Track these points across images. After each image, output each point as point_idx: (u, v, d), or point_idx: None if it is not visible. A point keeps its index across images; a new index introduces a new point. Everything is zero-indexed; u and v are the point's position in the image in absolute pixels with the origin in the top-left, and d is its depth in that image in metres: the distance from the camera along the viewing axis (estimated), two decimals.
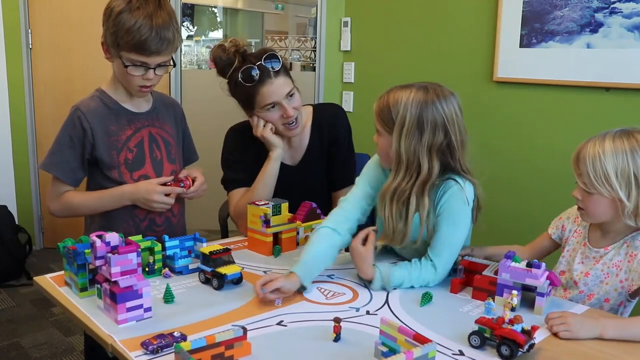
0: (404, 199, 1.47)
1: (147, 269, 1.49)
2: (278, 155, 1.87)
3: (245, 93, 1.80)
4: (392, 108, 1.44)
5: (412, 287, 1.48)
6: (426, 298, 1.39)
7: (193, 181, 1.73)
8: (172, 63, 1.65)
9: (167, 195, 1.67)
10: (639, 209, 1.35)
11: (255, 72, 1.76)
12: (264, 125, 1.84)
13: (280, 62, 1.79)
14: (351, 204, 1.59)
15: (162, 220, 1.75)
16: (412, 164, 1.44)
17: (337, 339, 1.19)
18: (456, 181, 1.47)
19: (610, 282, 1.44)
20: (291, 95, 1.82)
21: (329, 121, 1.99)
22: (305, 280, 1.43)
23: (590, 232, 1.52)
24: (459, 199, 1.46)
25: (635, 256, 1.40)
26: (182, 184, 1.70)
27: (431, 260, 1.49)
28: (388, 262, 1.55)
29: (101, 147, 1.65)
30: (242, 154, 1.94)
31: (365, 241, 1.49)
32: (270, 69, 1.76)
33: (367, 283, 1.49)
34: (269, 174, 1.87)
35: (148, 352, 1.10)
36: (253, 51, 1.84)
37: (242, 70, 1.77)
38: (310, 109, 2.02)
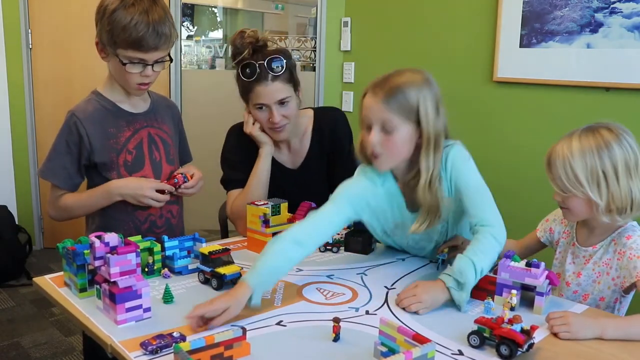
0: (436, 179, 1.45)
1: (146, 270, 1.49)
2: (267, 152, 1.88)
3: (243, 85, 1.83)
4: (408, 96, 1.40)
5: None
6: None
7: (191, 176, 1.72)
8: (169, 58, 1.64)
9: (162, 193, 1.66)
10: (610, 205, 1.37)
11: (252, 70, 1.77)
12: (253, 123, 1.86)
13: (284, 67, 1.78)
14: (322, 219, 1.49)
15: (162, 222, 1.75)
16: (439, 140, 1.44)
17: (336, 339, 1.18)
18: (449, 145, 1.48)
19: (603, 281, 1.46)
20: (284, 103, 1.82)
21: (330, 125, 1.99)
22: (257, 292, 1.29)
23: (578, 231, 1.54)
24: (460, 158, 1.47)
25: (624, 253, 1.41)
26: (176, 180, 1.69)
27: (489, 232, 1.40)
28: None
29: (99, 152, 1.64)
30: (242, 154, 1.94)
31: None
32: (270, 71, 1.77)
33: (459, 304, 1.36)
34: (261, 171, 1.88)
35: (147, 353, 1.10)
36: (274, 47, 1.84)
37: (243, 64, 1.79)
38: (311, 112, 2.02)
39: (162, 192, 1.67)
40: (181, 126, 1.90)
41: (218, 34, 5.57)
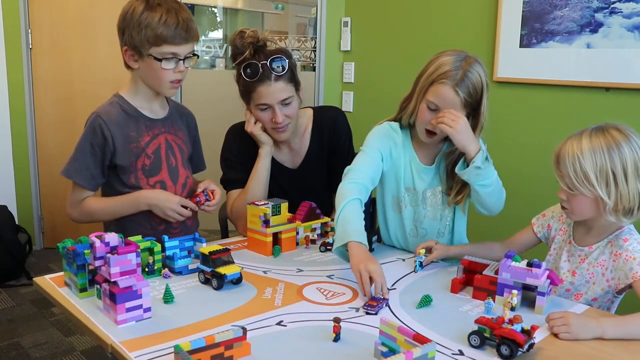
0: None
1: (146, 269, 1.49)
2: (267, 152, 1.89)
3: (245, 86, 1.83)
4: (481, 96, 1.62)
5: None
6: (425, 301, 1.38)
7: (212, 193, 1.77)
8: (196, 54, 1.71)
9: (185, 208, 1.72)
10: (618, 205, 1.37)
11: (254, 70, 1.77)
12: (255, 123, 1.86)
13: (286, 67, 1.78)
14: (363, 174, 1.67)
15: (177, 223, 1.78)
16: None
17: (336, 339, 1.18)
18: None
19: (597, 281, 1.46)
20: (286, 103, 1.82)
21: (330, 125, 1.99)
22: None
23: (575, 229, 1.54)
24: None
25: (620, 255, 1.41)
26: (198, 199, 1.74)
27: None
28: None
29: (121, 154, 1.68)
30: (242, 154, 1.94)
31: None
32: (273, 71, 1.76)
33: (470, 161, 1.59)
34: (261, 171, 1.88)
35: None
36: (274, 47, 1.84)
37: (245, 64, 1.79)
38: (311, 112, 2.02)
39: (184, 206, 1.73)
40: (196, 134, 1.94)
41: (218, 34, 5.57)
